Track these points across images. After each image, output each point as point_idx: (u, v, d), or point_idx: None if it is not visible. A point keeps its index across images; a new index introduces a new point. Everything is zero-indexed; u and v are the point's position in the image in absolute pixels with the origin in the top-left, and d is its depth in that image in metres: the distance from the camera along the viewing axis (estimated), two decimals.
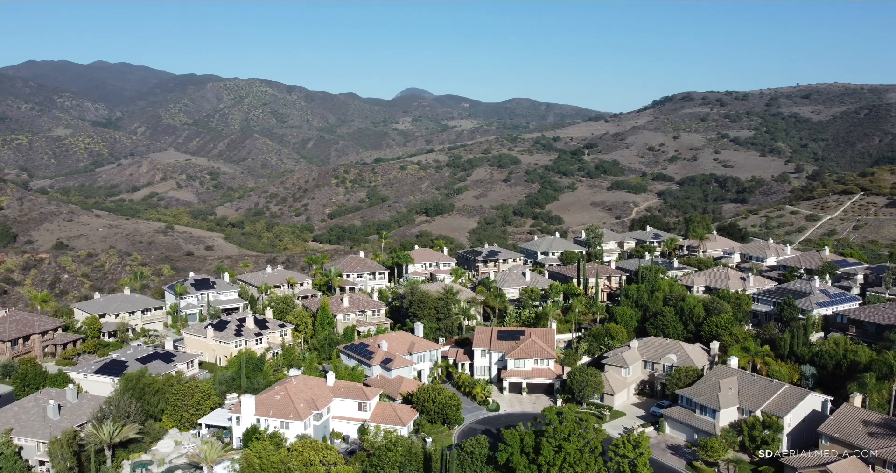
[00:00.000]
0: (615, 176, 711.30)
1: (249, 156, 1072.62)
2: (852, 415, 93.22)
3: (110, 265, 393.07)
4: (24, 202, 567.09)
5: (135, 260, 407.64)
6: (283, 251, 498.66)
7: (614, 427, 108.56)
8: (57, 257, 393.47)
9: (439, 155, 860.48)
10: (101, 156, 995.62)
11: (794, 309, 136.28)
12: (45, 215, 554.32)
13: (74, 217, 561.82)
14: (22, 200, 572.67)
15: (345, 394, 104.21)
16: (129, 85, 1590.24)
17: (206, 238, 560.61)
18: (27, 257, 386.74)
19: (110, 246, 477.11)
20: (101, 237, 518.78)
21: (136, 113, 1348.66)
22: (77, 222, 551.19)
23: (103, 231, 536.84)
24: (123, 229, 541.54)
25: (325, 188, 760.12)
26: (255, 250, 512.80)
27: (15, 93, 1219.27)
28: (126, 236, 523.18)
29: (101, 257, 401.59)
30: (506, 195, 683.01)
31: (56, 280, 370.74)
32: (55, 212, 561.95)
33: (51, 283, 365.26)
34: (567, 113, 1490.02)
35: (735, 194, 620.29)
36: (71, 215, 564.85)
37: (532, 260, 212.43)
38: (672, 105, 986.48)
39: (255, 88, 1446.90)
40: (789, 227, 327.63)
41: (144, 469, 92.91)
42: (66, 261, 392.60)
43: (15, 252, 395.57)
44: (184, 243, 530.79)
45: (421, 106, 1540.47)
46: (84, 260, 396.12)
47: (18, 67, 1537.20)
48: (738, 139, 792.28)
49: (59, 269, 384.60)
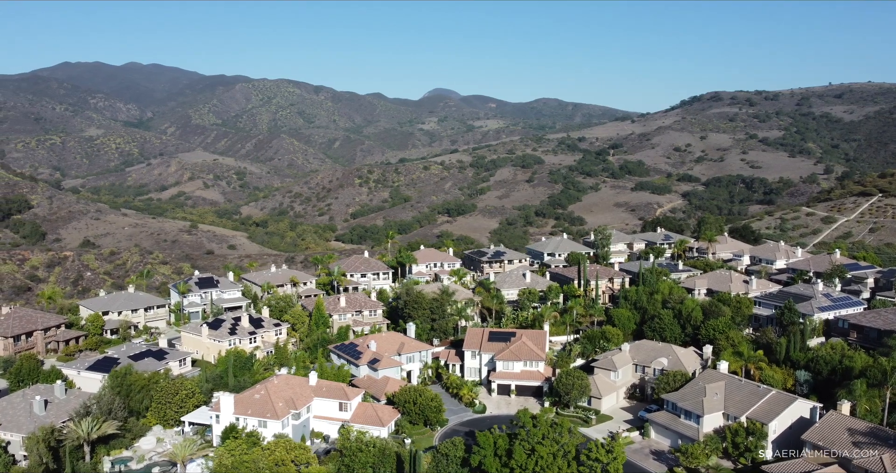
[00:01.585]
0: (640, 177, 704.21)
1: (276, 156, 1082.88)
2: (838, 423, 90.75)
3: (132, 263, 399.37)
4: (53, 201, 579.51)
5: (156, 258, 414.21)
6: (305, 251, 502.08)
7: (599, 431, 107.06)
8: (80, 255, 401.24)
9: (463, 155, 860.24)
10: (132, 156, 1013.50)
11: (794, 313, 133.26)
12: (73, 213, 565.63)
13: (101, 216, 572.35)
14: (52, 199, 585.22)
15: (326, 394, 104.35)
16: (161, 86, 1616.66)
17: (229, 237, 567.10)
18: (51, 254, 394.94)
19: (135, 244, 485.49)
20: (127, 236, 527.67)
21: (166, 113, 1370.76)
22: (104, 221, 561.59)
23: (129, 230, 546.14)
24: (149, 228, 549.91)
25: (349, 188, 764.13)
26: (276, 250, 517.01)
27: (50, 94, 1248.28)
28: (151, 235, 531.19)
29: (123, 256, 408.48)
30: (528, 196, 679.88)
31: (79, 278, 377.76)
32: (83, 211, 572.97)
33: (74, 280, 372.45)
34: (594, 113, 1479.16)
35: (762, 195, 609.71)
36: (98, 213, 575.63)
37: (539, 261, 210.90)
38: (700, 105, 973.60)
39: (283, 89, 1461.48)
40: (804, 229, 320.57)
41: (124, 466, 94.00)
42: (90, 259, 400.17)
43: (40, 250, 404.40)
44: (207, 241, 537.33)
45: (447, 106, 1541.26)
46: (107, 258, 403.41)
47: (54, 68, 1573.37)
48: (766, 140, 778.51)
49: (82, 267, 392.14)
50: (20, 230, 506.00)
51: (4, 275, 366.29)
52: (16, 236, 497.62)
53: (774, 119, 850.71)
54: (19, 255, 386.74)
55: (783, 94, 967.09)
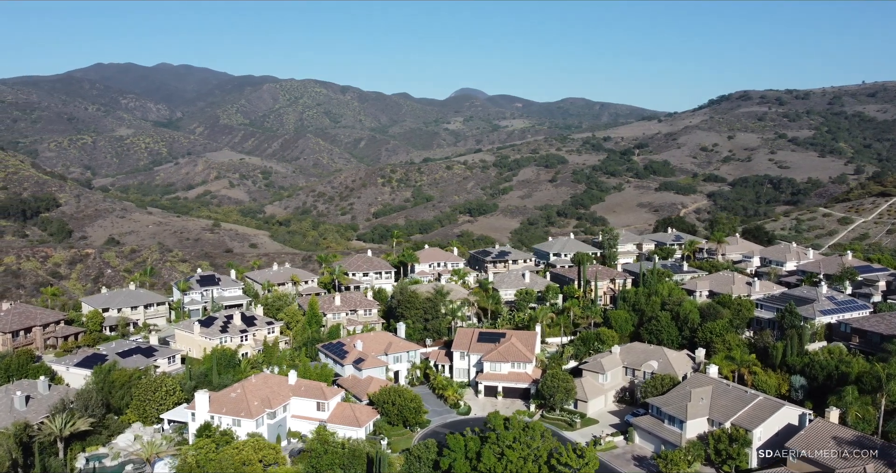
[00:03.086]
0: (665, 177, 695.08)
1: (302, 155, 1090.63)
2: (824, 431, 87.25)
3: (152, 261, 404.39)
4: (80, 199, 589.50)
5: (175, 256, 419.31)
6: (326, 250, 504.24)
7: (583, 435, 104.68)
8: (102, 253, 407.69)
9: (486, 155, 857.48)
10: (160, 155, 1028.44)
11: (795, 316, 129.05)
12: (99, 211, 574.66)
13: (127, 214, 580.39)
14: (79, 197, 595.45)
15: (304, 393, 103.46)
16: (190, 86, 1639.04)
17: (251, 236, 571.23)
18: (73, 252, 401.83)
19: (158, 242, 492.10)
20: (151, 234, 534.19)
21: (195, 114, 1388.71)
22: (129, 219, 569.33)
23: (153, 228, 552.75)
24: (172, 226, 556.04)
25: (372, 188, 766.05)
26: (297, 249, 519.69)
27: (83, 94, 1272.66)
28: (174, 233, 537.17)
29: (143, 253, 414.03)
30: (551, 196, 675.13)
31: (100, 275, 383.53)
32: (109, 209, 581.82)
33: (95, 277, 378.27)
34: (622, 113, 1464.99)
35: (789, 195, 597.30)
36: (123, 212, 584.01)
37: (545, 261, 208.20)
38: (728, 104, 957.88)
39: (310, 89, 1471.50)
40: (819, 230, 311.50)
41: (98, 462, 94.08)
42: (111, 256, 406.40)
43: (63, 247, 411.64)
44: (229, 240, 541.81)
45: (473, 106, 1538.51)
46: (127, 256, 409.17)
47: (87, 69, 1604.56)
48: (796, 139, 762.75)
49: (103, 264, 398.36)
50: (47, 228, 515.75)
51: (27, 271, 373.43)
52: (43, 233, 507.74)
53: (805, 118, 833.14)
54: (42, 252, 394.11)
55: (814, 92, 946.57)
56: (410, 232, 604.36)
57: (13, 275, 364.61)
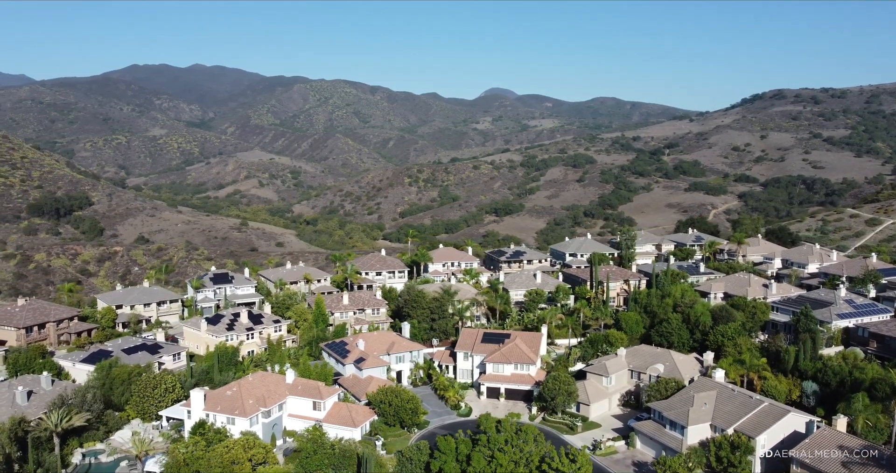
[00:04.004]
0: (695, 177, 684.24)
1: (331, 155, 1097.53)
2: (830, 439, 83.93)
3: (178, 259, 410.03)
4: (112, 198, 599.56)
5: (201, 255, 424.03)
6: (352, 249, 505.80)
7: (583, 439, 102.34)
8: (129, 251, 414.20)
9: (514, 155, 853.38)
10: (192, 155, 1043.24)
11: (811, 320, 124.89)
12: (130, 210, 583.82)
13: (157, 213, 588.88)
14: (111, 196, 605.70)
15: (301, 393, 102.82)
16: (223, 87, 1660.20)
17: (277, 235, 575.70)
18: (102, 249, 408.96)
19: (185, 241, 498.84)
20: (180, 232, 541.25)
21: (227, 114, 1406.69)
22: (159, 218, 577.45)
23: (182, 227, 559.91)
24: (201, 225, 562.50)
25: (399, 187, 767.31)
26: (323, 248, 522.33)
27: (118, 95, 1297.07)
28: (202, 232, 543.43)
29: (170, 252, 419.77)
30: (578, 196, 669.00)
31: (127, 272, 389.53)
32: (140, 208, 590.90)
33: (122, 275, 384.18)
34: (653, 112, 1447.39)
35: (823, 196, 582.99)
36: (154, 210, 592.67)
37: (561, 262, 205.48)
38: (762, 103, 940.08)
39: (340, 89, 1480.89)
40: (846, 231, 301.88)
41: (94, 458, 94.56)
42: (138, 254, 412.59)
43: (92, 245, 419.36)
44: (256, 239, 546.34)
45: (502, 106, 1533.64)
46: (154, 254, 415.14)
47: (123, 71, 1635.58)
48: (831, 139, 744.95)
49: (130, 261, 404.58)
50: (80, 226, 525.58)
51: (57, 268, 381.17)
52: (76, 231, 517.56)
53: (841, 118, 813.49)
54: (72, 249, 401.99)
55: (851, 91, 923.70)
56: (436, 232, 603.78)
57: (43, 272, 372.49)
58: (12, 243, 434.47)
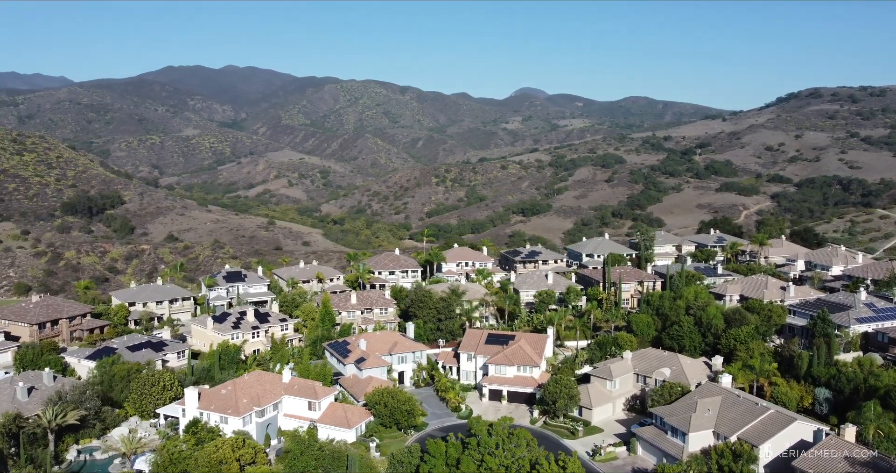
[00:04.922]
0: (727, 177, 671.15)
1: (360, 155, 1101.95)
2: (837, 449, 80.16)
3: (203, 257, 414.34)
4: (144, 197, 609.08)
5: (226, 253, 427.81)
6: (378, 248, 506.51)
7: (584, 443, 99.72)
8: (157, 249, 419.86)
9: (542, 154, 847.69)
10: (224, 155, 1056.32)
11: (828, 324, 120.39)
12: (161, 209, 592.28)
13: (187, 212, 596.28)
14: (142, 195, 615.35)
15: (297, 392, 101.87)
16: (255, 88, 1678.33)
17: (304, 234, 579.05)
18: (130, 247, 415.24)
19: (214, 240, 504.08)
20: (209, 231, 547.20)
21: (259, 114, 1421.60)
22: (188, 217, 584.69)
23: (211, 225, 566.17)
24: (229, 224, 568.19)
25: (426, 187, 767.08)
26: (349, 247, 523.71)
27: (153, 96, 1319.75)
28: (230, 231, 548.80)
29: (196, 250, 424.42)
30: (607, 196, 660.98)
31: (154, 270, 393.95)
32: (170, 207, 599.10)
33: (149, 272, 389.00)
34: (686, 112, 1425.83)
35: (859, 197, 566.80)
36: (184, 209, 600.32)
37: (577, 262, 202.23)
38: (797, 102, 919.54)
39: (370, 90, 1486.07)
40: (875, 233, 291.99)
41: (89, 455, 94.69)
42: (165, 252, 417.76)
43: (121, 243, 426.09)
44: (283, 238, 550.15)
45: (532, 105, 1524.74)
46: (181, 252, 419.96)
47: (158, 72, 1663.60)
48: (869, 138, 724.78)
49: (157, 259, 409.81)
50: (111, 224, 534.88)
51: (86, 266, 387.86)
52: (107, 229, 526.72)
53: (880, 117, 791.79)
54: (101, 247, 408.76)
55: (891, 89, 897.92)
56: (462, 232, 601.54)
57: (73, 269, 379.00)
58: (45, 241, 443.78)
